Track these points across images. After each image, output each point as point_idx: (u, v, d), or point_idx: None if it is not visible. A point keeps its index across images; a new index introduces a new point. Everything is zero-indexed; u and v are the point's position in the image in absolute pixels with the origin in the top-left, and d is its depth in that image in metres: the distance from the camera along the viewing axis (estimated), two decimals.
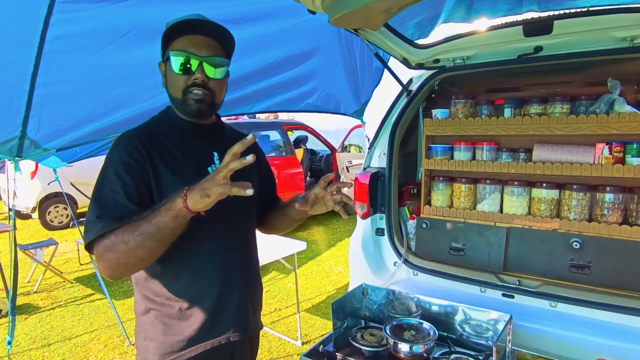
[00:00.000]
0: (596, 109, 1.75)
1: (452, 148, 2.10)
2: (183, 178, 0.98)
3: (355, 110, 3.11)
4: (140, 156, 0.96)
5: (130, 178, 0.94)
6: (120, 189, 0.92)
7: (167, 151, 1.01)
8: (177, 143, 1.04)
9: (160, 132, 1.04)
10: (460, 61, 2.05)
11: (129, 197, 0.92)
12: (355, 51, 2.45)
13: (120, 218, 0.89)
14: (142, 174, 0.96)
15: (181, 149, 1.04)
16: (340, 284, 4.08)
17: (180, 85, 1.01)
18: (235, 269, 1.11)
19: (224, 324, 1.09)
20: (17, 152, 1.76)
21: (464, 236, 2.02)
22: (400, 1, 1.35)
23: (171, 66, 1.00)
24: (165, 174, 0.98)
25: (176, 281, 1.03)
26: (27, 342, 3.03)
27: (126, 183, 0.93)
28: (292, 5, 1.49)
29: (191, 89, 1.01)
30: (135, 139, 0.98)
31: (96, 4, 1.26)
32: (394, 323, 1.51)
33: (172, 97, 1.05)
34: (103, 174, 0.95)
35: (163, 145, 1.01)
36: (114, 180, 0.93)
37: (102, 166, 0.96)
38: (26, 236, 6.11)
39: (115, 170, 0.94)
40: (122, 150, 0.96)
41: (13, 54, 1.35)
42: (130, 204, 0.92)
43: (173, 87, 1.03)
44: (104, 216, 0.90)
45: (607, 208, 1.73)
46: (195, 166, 1.04)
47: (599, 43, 1.71)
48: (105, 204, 0.92)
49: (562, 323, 1.60)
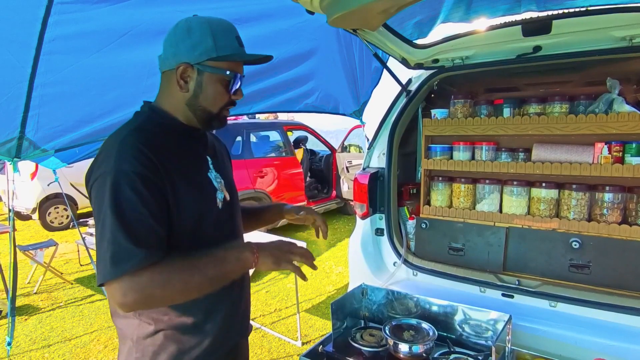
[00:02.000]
0: (595, 108, 1.75)
1: (452, 148, 2.10)
2: (196, 188, 0.96)
3: (354, 110, 3.11)
4: (155, 167, 0.86)
5: (150, 194, 0.84)
6: (145, 209, 0.83)
7: (173, 158, 0.92)
8: (180, 150, 0.97)
9: (161, 137, 0.94)
10: (460, 61, 2.05)
11: (154, 217, 0.84)
12: (354, 51, 2.45)
13: (157, 246, 0.84)
14: (160, 188, 0.87)
15: (184, 154, 0.98)
16: (340, 284, 4.08)
17: (223, 102, 0.99)
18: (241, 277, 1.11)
19: (236, 328, 1.10)
20: (16, 153, 1.76)
21: (463, 236, 2.02)
22: (399, 1, 1.35)
23: (225, 84, 0.97)
24: (180, 185, 0.91)
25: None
26: (27, 343, 3.03)
27: (148, 201, 0.84)
28: (291, 6, 1.49)
29: (227, 107, 1.01)
30: (145, 148, 0.86)
31: (94, 5, 1.26)
32: (393, 323, 1.51)
33: (205, 109, 0.98)
34: (116, 191, 0.82)
35: (170, 152, 0.92)
36: (134, 199, 0.82)
37: (111, 181, 0.82)
38: (26, 237, 6.11)
39: (132, 186, 0.82)
40: (133, 162, 0.84)
41: (11, 55, 1.35)
42: (157, 226, 0.85)
43: (213, 102, 0.98)
44: (142, 244, 0.81)
45: (606, 207, 1.73)
46: (200, 174, 1.00)
47: (598, 42, 1.71)
48: (136, 229, 0.82)
49: (561, 323, 1.60)
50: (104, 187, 0.82)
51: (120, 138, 0.88)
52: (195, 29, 0.93)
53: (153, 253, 0.82)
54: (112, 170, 0.83)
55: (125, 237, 0.80)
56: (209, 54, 0.93)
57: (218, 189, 1.03)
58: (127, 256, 0.80)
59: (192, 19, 0.96)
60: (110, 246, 0.80)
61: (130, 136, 0.88)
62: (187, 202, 0.92)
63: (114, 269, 0.79)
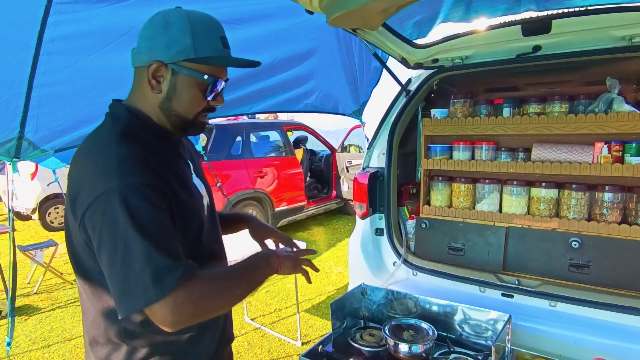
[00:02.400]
0: (595, 108, 1.75)
1: (451, 148, 2.10)
2: (190, 195, 0.90)
3: (354, 110, 3.11)
4: (158, 175, 0.80)
5: (164, 204, 0.79)
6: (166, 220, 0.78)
7: (169, 167, 0.87)
8: (168, 156, 0.91)
9: (150, 143, 0.86)
10: (459, 61, 2.05)
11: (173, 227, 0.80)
12: (354, 51, 2.45)
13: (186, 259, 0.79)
14: (165, 197, 0.80)
15: (175, 162, 0.91)
16: (340, 284, 4.08)
17: (200, 108, 0.90)
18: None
19: (227, 336, 1.10)
20: (15, 154, 1.76)
21: (463, 236, 2.02)
22: (399, 1, 1.35)
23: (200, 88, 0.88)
24: (179, 190, 0.85)
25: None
26: (27, 343, 3.03)
27: (165, 211, 0.79)
28: (290, 6, 1.49)
29: (203, 113, 0.92)
30: (143, 156, 0.80)
31: (93, 4, 1.26)
32: (393, 323, 1.51)
33: (179, 114, 0.89)
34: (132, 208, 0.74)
35: (162, 160, 0.85)
36: (153, 212, 0.76)
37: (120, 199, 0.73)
38: (26, 237, 6.11)
39: (147, 200, 0.76)
40: (138, 173, 0.77)
41: (10, 56, 1.35)
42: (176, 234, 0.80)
43: (187, 107, 0.89)
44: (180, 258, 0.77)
45: (606, 207, 1.73)
46: (186, 180, 0.93)
47: (598, 42, 1.71)
48: (168, 244, 0.77)
49: (561, 322, 1.60)
50: (111, 206, 0.73)
51: (111, 148, 0.79)
52: (173, 23, 0.83)
53: (190, 264, 0.79)
54: (117, 186, 0.74)
55: (161, 254, 0.74)
56: (186, 54, 0.83)
57: (202, 195, 0.98)
58: (170, 272, 0.74)
59: (172, 11, 0.86)
60: (147, 267, 0.73)
61: (122, 145, 0.80)
62: (188, 210, 0.87)
63: (160, 288, 0.73)
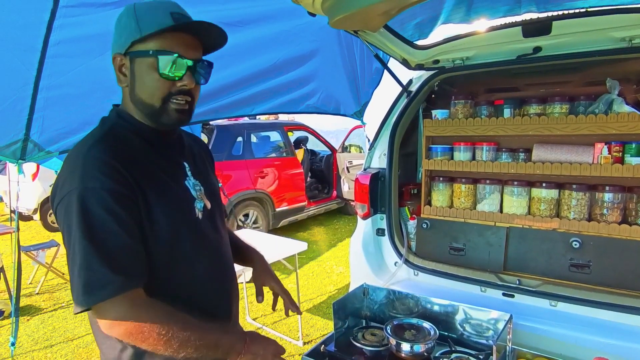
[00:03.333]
0: (595, 109, 1.76)
1: (452, 148, 2.11)
2: (170, 199, 0.87)
3: (355, 111, 3.12)
4: (126, 180, 0.78)
5: (124, 211, 0.76)
6: (120, 228, 0.75)
7: (145, 170, 0.84)
8: (152, 158, 0.88)
9: (130, 146, 0.85)
10: (460, 62, 2.06)
11: (131, 235, 0.77)
12: (355, 52, 2.46)
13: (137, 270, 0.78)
14: (134, 202, 0.79)
15: (157, 164, 0.88)
16: (341, 284, 4.09)
17: (163, 91, 0.85)
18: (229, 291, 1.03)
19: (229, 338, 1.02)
20: (21, 155, 1.77)
21: (464, 236, 2.03)
22: (400, 3, 1.36)
23: (152, 67, 0.83)
24: (153, 198, 0.82)
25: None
26: (29, 344, 3.04)
27: (122, 218, 0.76)
28: (292, 8, 1.50)
29: (175, 97, 0.86)
30: (112, 159, 0.78)
31: (99, 7, 1.27)
32: (395, 323, 1.52)
33: (142, 102, 0.86)
34: (85, 211, 0.73)
35: (141, 162, 0.84)
36: (106, 218, 0.74)
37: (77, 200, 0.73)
38: (28, 238, 6.12)
39: (103, 205, 0.74)
40: (100, 177, 0.75)
41: (17, 59, 1.36)
42: (136, 245, 0.78)
43: (149, 92, 0.85)
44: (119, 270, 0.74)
45: (606, 207, 1.74)
46: (175, 183, 0.91)
47: (598, 43, 1.72)
48: (112, 253, 0.74)
49: (562, 322, 1.61)
50: (70, 208, 0.74)
51: (84, 151, 0.79)
52: (122, 15, 0.85)
53: (132, 279, 0.76)
54: (78, 188, 0.74)
55: (100, 261, 0.73)
56: (133, 36, 0.82)
57: (196, 198, 0.94)
58: (103, 283, 0.73)
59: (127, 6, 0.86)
60: (82, 272, 0.72)
61: (95, 148, 0.79)
62: (159, 217, 0.83)
63: (87, 298, 0.72)
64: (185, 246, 0.88)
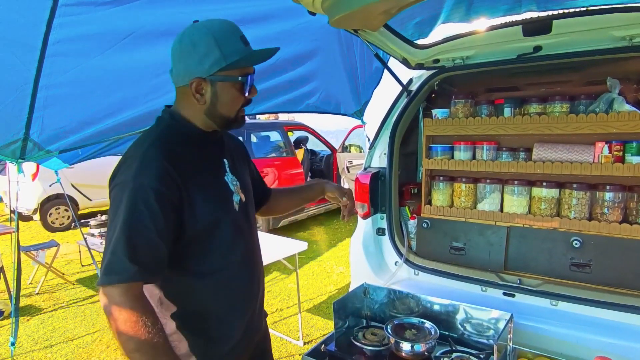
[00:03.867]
0: (595, 108, 1.76)
1: (452, 148, 2.10)
2: (211, 193, 1.01)
3: (355, 110, 3.12)
4: (173, 182, 0.91)
5: (161, 211, 0.88)
6: (152, 225, 0.87)
7: (193, 168, 0.97)
8: (197, 156, 1.01)
9: (180, 146, 0.98)
10: (460, 61, 2.06)
11: (159, 234, 0.88)
12: (355, 52, 2.46)
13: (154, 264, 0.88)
14: (173, 202, 0.91)
15: (202, 162, 1.02)
16: (342, 284, 4.09)
17: (239, 105, 1.02)
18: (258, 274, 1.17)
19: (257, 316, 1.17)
20: (21, 155, 1.77)
21: (464, 235, 2.03)
22: (400, 2, 1.36)
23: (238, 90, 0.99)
24: (195, 192, 0.96)
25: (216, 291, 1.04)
26: (29, 344, 3.04)
27: (157, 217, 0.88)
28: (293, 7, 1.50)
29: (243, 107, 1.04)
30: (166, 162, 0.91)
31: (98, 6, 1.27)
32: (395, 322, 1.52)
33: (223, 116, 1.01)
34: (131, 202, 0.86)
35: (185, 160, 0.97)
36: (145, 213, 0.87)
37: (129, 192, 0.87)
38: (27, 238, 6.12)
39: (146, 201, 0.87)
40: (151, 177, 0.88)
41: (16, 58, 1.36)
42: (160, 243, 0.89)
43: (229, 106, 1.00)
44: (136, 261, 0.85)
45: (607, 207, 1.74)
46: (215, 178, 1.05)
47: (598, 42, 1.72)
48: (136, 244, 0.86)
49: (562, 321, 1.61)
50: (121, 195, 0.88)
51: (143, 150, 0.92)
52: (199, 41, 0.94)
53: (146, 271, 0.86)
54: (131, 181, 0.87)
55: (124, 249, 0.84)
56: (219, 64, 0.94)
57: (234, 192, 1.07)
58: (119, 268, 0.84)
59: (194, 30, 0.96)
60: (109, 255, 0.85)
61: (153, 148, 0.92)
62: (202, 210, 0.96)
63: (105, 278, 0.84)
64: (224, 234, 1.02)
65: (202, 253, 0.99)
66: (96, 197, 7.03)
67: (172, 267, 0.95)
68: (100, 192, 7.05)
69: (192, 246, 0.97)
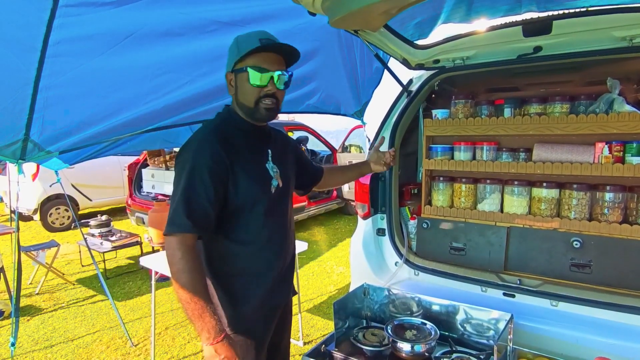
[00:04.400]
0: (596, 108, 1.76)
1: (453, 148, 2.10)
2: (252, 175, 1.23)
3: (355, 110, 3.12)
4: (222, 161, 1.15)
5: (212, 183, 1.13)
6: (204, 193, 1.13)
7: (238, 152, 1.20)
8: (243, 143, 1.23)
9: (230, 134, 1.22)
10: (460, 61, 2.06)
11: (209, 201, 1.14)
12: (356, 52, 2.46)
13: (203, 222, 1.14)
14: (221, 178, 1.15)
15: (248, 149, 1.24)
16: (342, 284, 4.09)
17: (254, 96, 1.20)
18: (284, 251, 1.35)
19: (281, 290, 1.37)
20: (21, 155, 1.77)
21: (464, 236, 2.03)
22: (400, 2, 1.36)
23: (247, 79, 1.18)
24: (240, 173, 1.19)
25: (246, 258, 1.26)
26: (29, 344, 3.04)
27: (208, 188, 1.13)
28: (293, 7, 1.50)
29: (263, 99, 1.20)
30: (217, 145, 1.16)
31: (99, 7, 1.27)
32: (395, 323, 1.52)
33: (242, 104, 1.23)
34: (190, 175, 1.13)
35: (234, 146, 1.20)
36: (199, 184, 1.13)
37: (189, 166, 1.13)
38: (28, 238, 6.12)
39: (200, 175, 1.13)
40: (206, 157, 1.14)
41: (16, 58, 1.36)
42: (209, 207, 1.14)
43: (246, 96, 1.21)
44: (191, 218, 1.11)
45: (607, 207, 1.74)
46: (257, 164, 1.26)
47: (598, 43, 1.72)
48: (191, 206, 1.12)
49: (563, 322, 1.61)
50: (184, 168, 1.14)
51: (203, 135, 1.19)
52: (231, 45, 1.23)
53: (196, 226, 1.12)
54: (191, 159, 1.14)
55: (183, 208, 1.11)
56: (234, 58, 1.20)
57: (273, 177, 1.28)
58: (179, 222, 1.11)
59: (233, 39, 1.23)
60: (172, 212, 1.13)
61: (210, 135, 1.19)
62: (243, 188, 1.19)
63: (168, 228, 1.12)
64: (259, 210, 1.23)
65: (240, 224, 1.22)
66: (96, 197, 7.04)
67: (217, 232, 1.20)
68: (100, 192, 7.06)
69: (233, 217, 1.20)
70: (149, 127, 2.11)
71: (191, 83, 1.97)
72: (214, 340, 1.08)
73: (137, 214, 5.52)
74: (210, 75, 1.97)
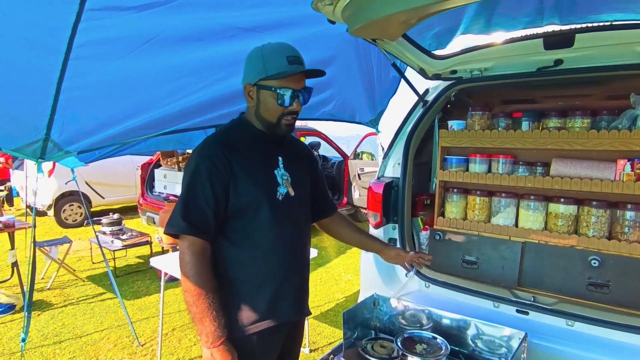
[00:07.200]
0: (618, 124, 1.72)
1: (468, 160, 2.08)
2: (255, 180, 1.22)
3: (370, 119, 3.11)
4: (222, 164, 1.16)
5: (211, 186, 1.15)
6: (203, 196, 1.15)
7: (242, 155, 1.21)
8: (250, 147, 1.24)
9: (237, 138, 1.24)
10: (478, 72, 2.04)
11: (207, 204, 1.15)
12: (372, 60, 2.46)
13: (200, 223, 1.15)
14: (222, 181, 1.17)
15: (253, 153, 1.24)
16: (350, 292, 4.05)
17: (278, 113, 1.21)
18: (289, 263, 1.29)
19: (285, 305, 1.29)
20: (41, 154, 1.81)
21: (477, 249, 1.99)
22: (420, 12, 1.35)
23: (273, 97, 1.19)
24: (241, 177, 1.19)
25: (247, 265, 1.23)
26: (39, 339, 3.08)
27: (207, 191, 1.15)
28: (312, 15, 1.51)
29: (286, 116, 1.22)
30: (219, 148, 1.18)
31: (122, 11, 1.30)
32: (405, 335, 1.49)
33: (264, 118, 1.23)
34: (192, 176, 1.17)
35: (239, 150, 1.21)
36: (199, 185, 1.15)
37: (191, 171, 1.17)
38: (41, 233, 6.23)
39: (201, 177, 1.16)
40: (208, 160, 1.16)
41: (41, 60, 1.39)
42: (207, 208, 1.15)
43: (269, 112, 1.21)
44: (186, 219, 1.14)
45: (627, 226, 1.69)
46: (263, 169, 1.25)
47: (622, 57, 1.68)
48: (189, 207, 1.15)
49: (579, 343, 1.57)
50: (188, 169, 1.19)
51: (211, 140, 1.22)
52: (252, 56, 1.21)
53: (192, 228, 1.14)
54: (194, 163, 1.18)
55: (180, 209, 1.15)
56: (260, 75, 1.17)
57: (281, 184, 1.26)
58: (174, 223, 1.15)
59: (255, 49, 1.21)
60: (172, 213, 1.17)
61: (215, 139, 1.22)
62: (244, 191, 1.19)
63: (166, 227, 1.16)
64: (263, 216, 1.22)
65: (242, 228, 1.21)
66: (109, 195, 7.15)
67: (220, 235, 1.21)
68: (113, 191, 7.16)
69: (236, 220, 1.21)
70: (165, 130, 2.14)
71: (208, 87, 1.99)
72: (211, 345, 1.11)
73: (148, 213, 5.58)
74: (226, 80, 1.98)
